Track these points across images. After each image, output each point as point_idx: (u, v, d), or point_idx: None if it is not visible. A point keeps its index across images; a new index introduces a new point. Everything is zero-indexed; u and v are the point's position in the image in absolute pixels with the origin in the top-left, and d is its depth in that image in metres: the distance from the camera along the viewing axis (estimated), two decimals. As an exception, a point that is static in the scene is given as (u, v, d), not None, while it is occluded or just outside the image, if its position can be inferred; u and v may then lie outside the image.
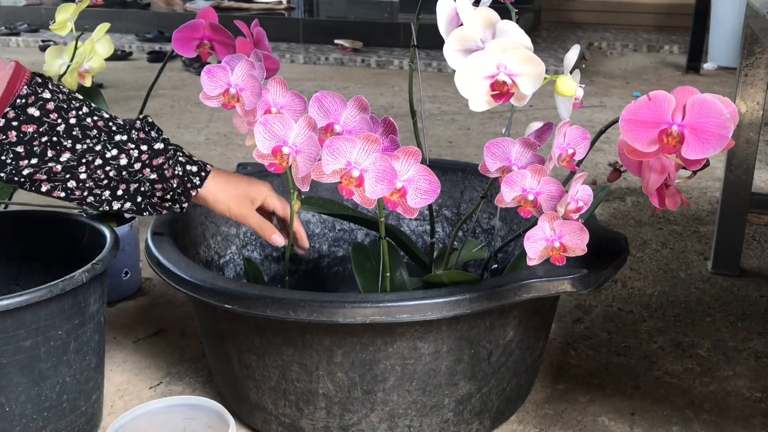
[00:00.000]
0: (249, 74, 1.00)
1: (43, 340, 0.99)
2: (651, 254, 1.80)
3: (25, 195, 2.06)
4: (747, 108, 1.57)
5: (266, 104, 1.00)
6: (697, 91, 0.79)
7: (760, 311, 1.53)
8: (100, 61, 1.45)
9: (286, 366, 1.03)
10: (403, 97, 3.49)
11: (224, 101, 1.00)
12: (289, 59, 4.37)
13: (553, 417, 1.20)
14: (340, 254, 1.51)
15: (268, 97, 1.00)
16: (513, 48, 0.82)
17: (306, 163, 0.85)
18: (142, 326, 1.47)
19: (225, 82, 0.99)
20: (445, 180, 1.43)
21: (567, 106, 0.91)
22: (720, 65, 4.21)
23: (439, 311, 0.94)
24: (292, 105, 1.00)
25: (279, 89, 1.00)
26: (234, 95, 0.99)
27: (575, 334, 1.45)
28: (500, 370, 1.07)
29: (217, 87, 1.00)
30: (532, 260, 0.87)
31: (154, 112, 3.10)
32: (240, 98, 1.00)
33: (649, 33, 5.34)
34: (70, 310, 1.02)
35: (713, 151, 0.78)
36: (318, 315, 0.93)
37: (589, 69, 4.17)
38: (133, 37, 4.79)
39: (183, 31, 1.25)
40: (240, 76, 1.00)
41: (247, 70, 1.00)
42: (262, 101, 0.99)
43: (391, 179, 0.85)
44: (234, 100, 0.99)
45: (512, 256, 1.33)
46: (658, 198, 0.91)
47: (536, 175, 0.88)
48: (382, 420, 1.04)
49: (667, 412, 1.22)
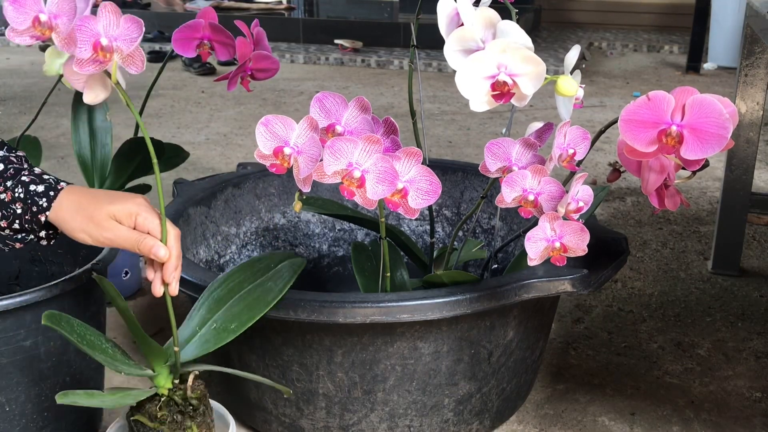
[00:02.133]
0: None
1: (43, 340, 0.99)
2: (651, 254, 1.80)
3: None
4: (747, 108, 1.57)
5: (95, 35, 0.80)
6: (696, 91, 0.79)
7: (760, 311, 1.53)
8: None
9: (286, 366, 1.03)
10: (403, 97, 3.49)
11: (36, 33, 0.80)
12: (289, 59, 4.37)
13: (553, 417, 1.20)
14: (340, 254, 1.51)
15: (98, 27, 0.80)
16: (513, 48, 0.82)
17: (307, 164, 0.85)
18: (142, 326, 1.46)
19: (35, 10, 0.80)
20: (445, 180, 1.43)
21: (567, 106, 0.91)
22: (720, 65, 4.21)
23: (439, 311, 0.94)
24: (127, 33, 0.81)
25: (111, 17, 0.81)
26: (46, 23, 0.80)
27: (575, 334, 1.45)
28: (500, 370, 1.07)
29: (26, 18, 0.80)
30: (533, 260, 0.87)
31: (154, 112, 3.11)
32: (55, 26, 0.80)
33: (649, 33, 5.34)
34: (70, 310, 1.02)
35: (712, 151, 0.78)
36: (318, 315, 0.94)
37: (589, 69, 4.17)
38: (133, 36, 4.79)
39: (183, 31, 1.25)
40: (53, 1, 0.80)
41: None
42: (91, 32, 0.80)
43: (392, 180, 0.85)
44: (47, 29, 0.80)
45: (512, 256, 1.33)
46: (657, 198, 0.91)
47: (537, 176, 0.88)
48: (382, 420, 1.04)
49: (667, 412, 1.22)
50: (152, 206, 0.88)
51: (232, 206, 1.37)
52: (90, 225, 0.84)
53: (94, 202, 0.85)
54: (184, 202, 1.27)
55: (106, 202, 0.85)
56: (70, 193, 0.86)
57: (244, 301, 0.95)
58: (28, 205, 0.85)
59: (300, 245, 1.48)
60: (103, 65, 0.80)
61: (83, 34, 0.79)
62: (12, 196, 0.85)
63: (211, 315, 0.95)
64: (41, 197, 0.85)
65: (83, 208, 0.85)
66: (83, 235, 0.85)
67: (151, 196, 2.00)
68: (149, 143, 0.85)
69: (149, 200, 0.89)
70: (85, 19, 0.80)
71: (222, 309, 0.95)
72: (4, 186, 0.85)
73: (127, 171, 1.49)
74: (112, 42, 0.80)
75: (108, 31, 0.80)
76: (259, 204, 1.42)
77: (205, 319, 0.95)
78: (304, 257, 1.02)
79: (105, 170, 1.52)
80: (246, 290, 0.97)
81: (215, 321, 0.94)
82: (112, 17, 0.80)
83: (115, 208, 0.85)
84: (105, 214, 0.85)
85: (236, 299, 0.96)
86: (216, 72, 3.94)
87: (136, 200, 0.87)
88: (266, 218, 1.43)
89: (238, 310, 0.94)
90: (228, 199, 1.36)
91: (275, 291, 0.95)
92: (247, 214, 1.40)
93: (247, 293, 0.97)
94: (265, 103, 3.30)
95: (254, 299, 0.95)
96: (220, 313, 0.95)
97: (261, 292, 0.96)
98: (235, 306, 0.95)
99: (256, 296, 0.96)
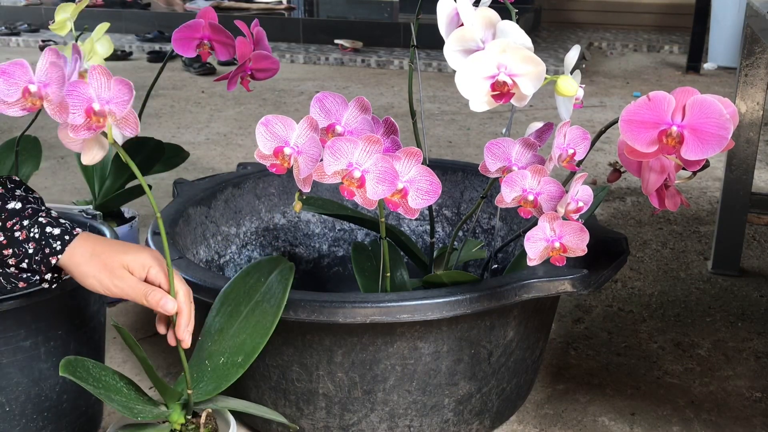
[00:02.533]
0: (52, 63, 0.79)
1: (43, 340, 0.99)
2: (651, 254, 1.80)
3: (25, 195, 2.06)
4: (747, 108, 1.57)
5: (88, 100, 0.78)
6: (696, 91, 0.79)
7: (760, 311, 1.53)
8: (100, 60, 1.45)
9: (286, 366, 1.03)
10: (403, 97, 3.49)
11: (27, 105, 0.78)
12: (289, 59, 4.37)
13: (553, 417, 1.20)
14: (340, 254, 1.51)
15: (89, 92, 0.78)
16: (513, 48, 0.82)
17: (308, 164, 0.85)
18: (142, 326, 1.47)
19: (25, 81, 0.78)
20: (445, 180, 1.43)
21: (567, 106, 0.91)
22: (720, 65, 4.21)
23: (439, 311, 0.94)
24: (119, 95, 0.79)
25: (102, 80, 0.78)
26: (36, 93, 0.78)
27: (575, 334, 1.45)
28: (500, 370, 1.07)
29: (17, 90, 0.78)
30: (533, 260, 0.87)
31: (154, 112, 3.11)
32: (45, 95, 0.78)
33: (649, 33, 5.34)
34: (70, 310, 1.02)
35: (713, 151, 0.78)
36: (318, 315, 0.94)
37: (589, 69, 4.17)
38: (133, 37, 4.79)
39: (183, 31, 1.25)
40: (42, 70, 0.78)
41: (51, 58, 0.79)
42: (83, 97, 0.78)
43: (392, 180, 0.85)
44: (37, 99, 0.78)
45: (512, 256, 1.33)
46: (657, 198, 0.91)
47: (536, 176, 0.88)
48: (382, 420, 1.04)
49: (667, 412, 1.22)
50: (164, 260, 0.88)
51: (232, 206, 1.37)
52: (103, 272, 0.85)
53: (109, 250, 0.86)
54: (184, 202, 1.27)
55: (120, 251, 0.86)
56: (85, 240, 0.86)
57: (245, 331, 0.95)
58: (42, 246, 0.85)
59: (300, 245, 1.48)
60: (98, 130, 0.79)
61: (75, 99, 0.77)
62: (27, 235, 0.85)
63: (217, 347, 0.96)
64: (56, 240, 0.85)
65: (97, 255, 0.85)
66: (94, 281, 0.85)
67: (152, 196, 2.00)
68: (135, 169, 0.84)
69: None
70: (75, 84, 0.77)
71: (226, 339, 0.96)
72: (20, 225, 0.85)
73: (127, 171, 1.49)
74: (104, 106, 0.78)
75: (100, 95, 0.78)
76: (259, 204, 1.42)
77: (212, 352, 0.96)
78: (291, 264, 1.01)
79: (105, 170, 1.52)
80: (244, 315, 0.97)
81: (222, 354, 0.95)
82: (102, 80, 0.78)
83: (129, 258, 0.86)
84: (118, 262, 0.85)
85: (237, 328, 0.96)
86: (216, 72, 3.94)
87: (151, 253, 0.88)
88: (266, 218, 1.43)
89: (241, 340, 0.95)
90: (228, 199, 1.36)
91: (271, 314, 0.95)
92: (247, 214, 1.40)
93: (245, 320, 0.96)
94: (265, 103, 3.30)
95: (254, 327, 0.95)
96: (225, 344, 0.95)
97: (259, 315, 0.96)
98: (237, 336, 0.95)
99: (254, 322, 0.96)
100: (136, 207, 1.70)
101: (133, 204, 1.65)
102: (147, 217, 1.93)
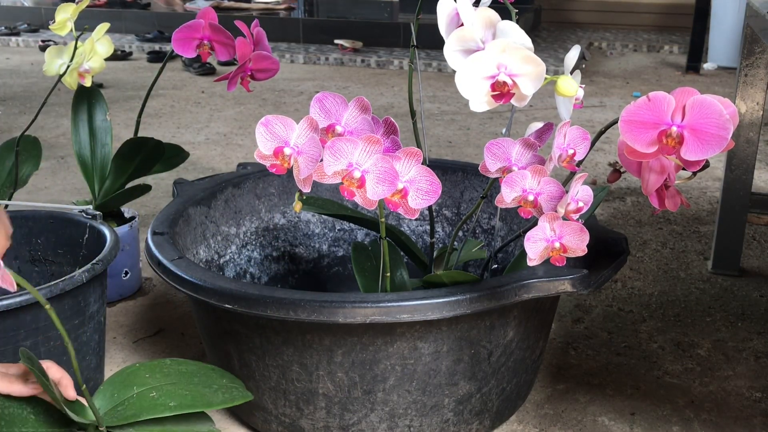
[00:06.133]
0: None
1: (43, 340, 0.99)
2: (651, 254, 1.80)
3: (24, 195, 2.06)
4: (747, 108, 1.57)
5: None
6: (696, 91, 0.79)
7: (760, 311, 1.53)
8: (100, 61, 1.45)
9: (286, 366, 1.03)
10: (403, 97, 3.49)
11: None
12: (289, 59, 4.37)
13: (553, 417, 1.20)
14: (340, 254, 1.51)
15: None
16: (513, 48, 0.82)
17: (308, 165, 0.85)
18: (142, 326, 1.47)
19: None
20: (445, 180, 1.43)
21: (567, 106, 0.91)
22: (720, 65, 4.21)
23: (439, 311, 0.94)
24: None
25: None
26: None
27: (575, 334, 1.45)
28: (500, 370, 1.07)
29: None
30: (533, 261, 0.87)
31: (154, 112, 3.11)
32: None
33: (649, 33, 5.34)
34: (70, 310, 1.02)
35: (713, 152, 0.78)
36: (318, 315, 0.94)
37: (589, 69, 4.17)
38: (133, 37, 4.79)
39: (183, 31, 1.26)
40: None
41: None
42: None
43: (392, 180, 0.85)
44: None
45: (512, 256, 1.33)
46: (657, 199, 0.91)
47: (536, 176, 0.88)
48: (382, 420, 1.04)
49: (667, 412, 1.22)
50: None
51: (232, 206, 1.37)
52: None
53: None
54: (184, 202, 1.27)
55: None
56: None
57: (188, 388, 0.90)
58: None
59: (300, 245, 1.48)
60: None
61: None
62: None
63: (153, 382, 0.91)
64: None
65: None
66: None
67: (152, 196, 2.00)
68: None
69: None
70: None
71: (165, 383, 0.90)
72: None
73: (126, 171, 1.49)
74: None
75: None
76: (259, 204, 1.42)
77: (145, 381, 0.91)
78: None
79: (105, 170, 1.53)
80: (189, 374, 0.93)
81: (156, 390, 0.90)
82: None
83: None
84: None
85: (182, 381, 0.91)
86: (216, 72, 3.94)
87: None
88: (266, 218, 1.43)
89: (182, 392, 0.89)
90: (228, 199, 1.36)
91: (216, 401, 0.90)
92: (247, 214, 1.40)
93: (187, 381, 0.92)
94: (265, 103, 3.30)
95: (200, 395, 0.90)
96: (163, 385, 0.90)
97: (204, 387, 0.92)
98: (179, 387, 0.90)
99: (199, 390, 0.91)
100: (136, 207, 1.70)
101: (133, 204, 1.65)
102: (147, 217, 1.93)
